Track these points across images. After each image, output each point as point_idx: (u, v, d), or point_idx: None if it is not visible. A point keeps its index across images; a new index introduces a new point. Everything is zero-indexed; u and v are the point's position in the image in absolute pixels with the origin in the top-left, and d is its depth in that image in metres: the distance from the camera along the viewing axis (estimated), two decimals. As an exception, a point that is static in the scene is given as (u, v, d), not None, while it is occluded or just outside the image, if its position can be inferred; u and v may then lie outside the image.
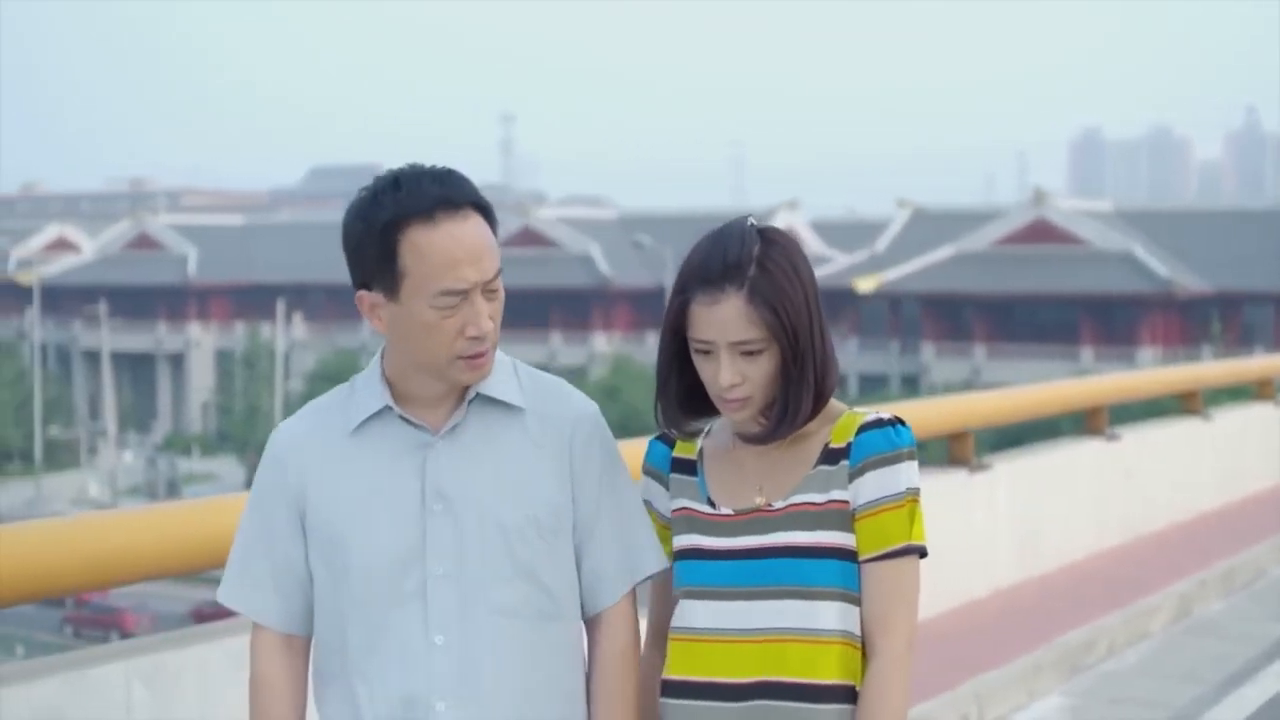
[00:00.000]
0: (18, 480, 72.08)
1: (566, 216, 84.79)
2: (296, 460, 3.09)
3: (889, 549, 3.02)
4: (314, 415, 3.15)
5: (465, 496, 3.02)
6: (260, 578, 3.10)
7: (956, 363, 65.29)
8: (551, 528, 3.07)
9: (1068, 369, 55.53)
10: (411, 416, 3.05)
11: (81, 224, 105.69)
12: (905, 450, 3.05)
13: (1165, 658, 9.08)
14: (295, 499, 3.08)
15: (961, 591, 9.51)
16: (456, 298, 2.92)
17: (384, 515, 3.02)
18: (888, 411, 3.10)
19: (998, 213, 75.12)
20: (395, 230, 2.90)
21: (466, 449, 3.05)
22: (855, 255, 74.24)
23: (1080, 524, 11.14)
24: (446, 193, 2.93)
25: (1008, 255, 67.23)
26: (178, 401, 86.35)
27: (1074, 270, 64.87)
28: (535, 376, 3.17)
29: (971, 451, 9.77)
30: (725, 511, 3.11)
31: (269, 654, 3.11)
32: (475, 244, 2.93)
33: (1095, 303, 64.49)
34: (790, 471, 3.10)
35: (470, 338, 2.94)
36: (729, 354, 3.00)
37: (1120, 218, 70.40)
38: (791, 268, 3.02)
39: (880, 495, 3.02)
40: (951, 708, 7.35)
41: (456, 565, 3.00)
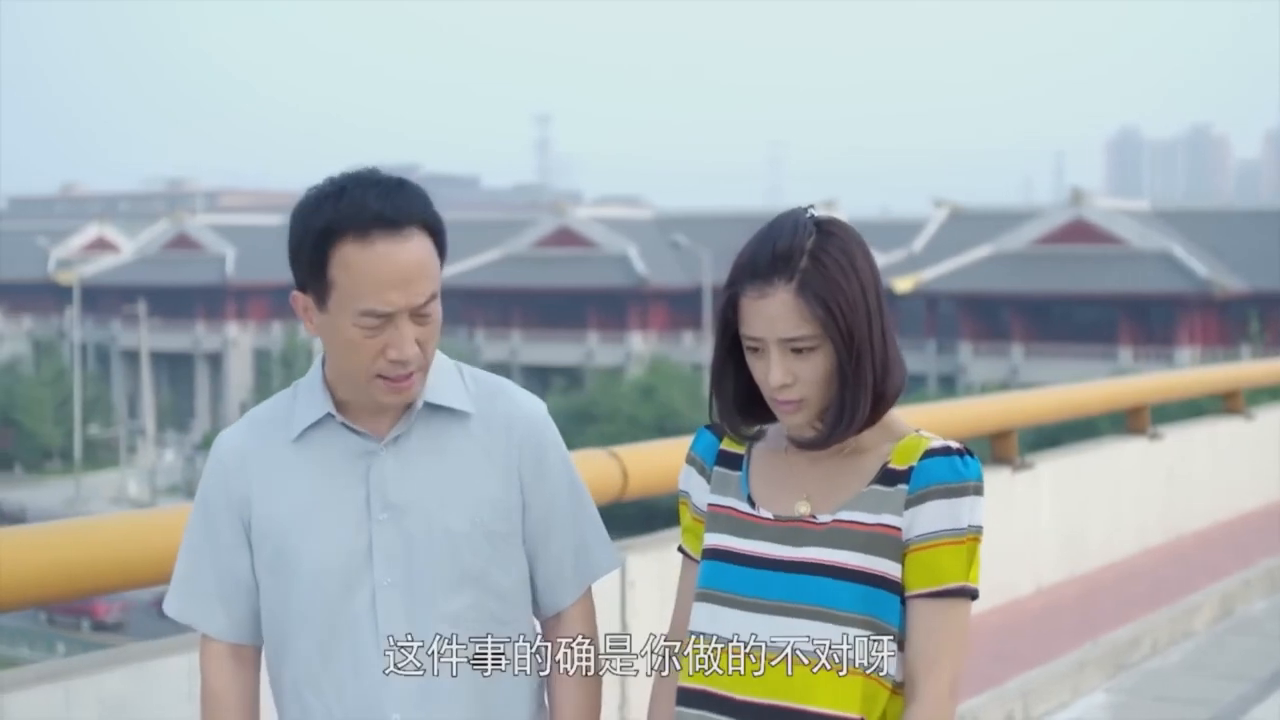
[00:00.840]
0: (57, 479, 72.47)
1: (603, 216, 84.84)
2: (239, 470, 3.03)
3: (942, 587, 2.82)
4: (255, 424, 3.08)
5: (411, 504, 2.96)
6: (206, 588, 3.04)
7: (994, 363, 65.12)
8: (502, 532, 3.01)
9: (1106, 369, 55.34)
10: (354, 424, 2.98)
11: (120, 224, 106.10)
12: (972, 484, 2.85)
13: (1209, 656, 9.11)
14: (239, 509, 3.02)
15: (1005, 589, 9.55)
16: (379, 319, 2.83)
17: (329, 525, 2.96)
18: (956, 442, 2.90)
19: (1035, 212, 74.92)
20: (327, 241, 2.83)
21: (412, 456, 2.98)
22: (892, 255, 74.06)
23: (1123, 523, 11.16)
24: (386, 210, 2.82)
25: (1045, 255, 67.05)
26: (216, 400, 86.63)
27: (1112, 270, 64.65)
28: (480, 379, 3.10)
29: (1015, 450, 9.81)
30: (764, 514, 2.95)
31: (218, 665, 3.05)
32: (407, 267, 2.82)
33: (1133, 302, 64.27)
34: (842, 485, 2.91)
35: (391, 360, 2.86)
36: (779, 352, 2.83)
37: (1158, 217, 70.15)
38: (848, 260, 2.82)
39: (939, 529, 2.82)
40: (997, 704, 7.40)
41: (405, 574, 2.94)
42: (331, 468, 2.98)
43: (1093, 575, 10.46)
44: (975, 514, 2.84)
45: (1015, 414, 10.08)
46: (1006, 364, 64.60)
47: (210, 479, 3.06)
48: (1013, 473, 9.73)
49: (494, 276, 79.29)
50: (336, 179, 2.89)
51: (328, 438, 2.99)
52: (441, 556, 2.95)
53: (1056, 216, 69.45)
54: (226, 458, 3.04)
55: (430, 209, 2.90)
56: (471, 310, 78.19)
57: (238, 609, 3.03)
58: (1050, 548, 10.14)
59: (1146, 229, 66.53)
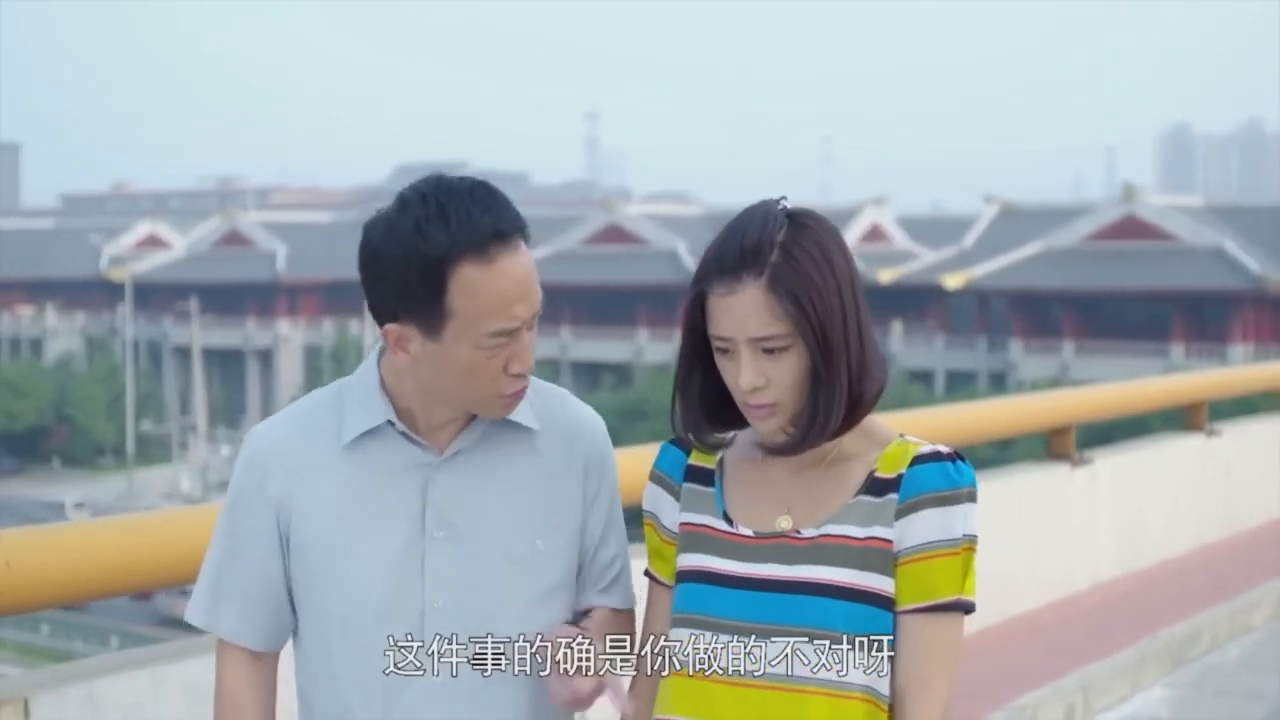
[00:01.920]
0: (110, 474, 72.97)
1: (652, 213, 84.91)
2: (281, 469, 2.83)
3: (935, 601, 2.64)
4: (298, 421, 2.88)
5: (471, 524, 2.79)
6: (233, 594, 2.86)
7: (1045, 360, 64.90)
8: (566, 558, 2.87)
9: (1158, 366, 55.14)
10: (414, 434, 2.80)
11: (171, 221, 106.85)
12: (965, 490, 2.68)
13: (1267, 651, 9.11)
14: (278, 511, 2.82)
15: (1062, 584, 9.56)
16: (506, 337, 2.68)
17: (379, 537, 2.78)
18: (945, 446, 2.74)
19: (1086, 209, 74.65)
20: (446, 268, 2.62)
21: (473, 473, 2.81)
22: (942, 252, 73.98)
23: (1180, 519, 11.15)
24: (498, 224, 2.65)
25: (1097, 251, 66.81)
26: (267, 397, 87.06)
27: (1164, 266, 64.37)
28: (541, 391, 2.93)
29: (1073, 446, 9.82)
30: (744, 532, 2.74)
31: (236, 669, 2.88)
32: (527, 278, 2.69)
33: (1186, 299, 63.98)
34: (826, 496, 2.72)
35: (514, 375, 2.72)
36: (750, 352, 2.64)
37: (1211, 213, 69.78)
38: (822, 255, 2.64)
39: (931, 539, 2.64)
40: (1057, 698, 7.41)
41: (457, 598, 2.77)
42: (386, 478, 2.79)
43: (1150, 571, 10.46)
44: (969, 523, 2.68)
45: (1073, 410, 10.09)
46: (1057, 361, 64.38)
47: (245, 477, 2.86)
48: (1071, 469, 9.74)
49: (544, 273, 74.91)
50: (422, 198, 2.67)
51: (384, 446, 2.80)
52: (499, 582, 2.79)
53: (1108, 213, 69.20)
54: (265, 455, 2.84)
55: (519, 212, 2.75)
56: (521, 307, 78.43)
57: (265, 617, 2.86)
58: (1107, 544, 10.15)
59: (1199, 225, 66.21)
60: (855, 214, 78.35)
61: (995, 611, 8.66)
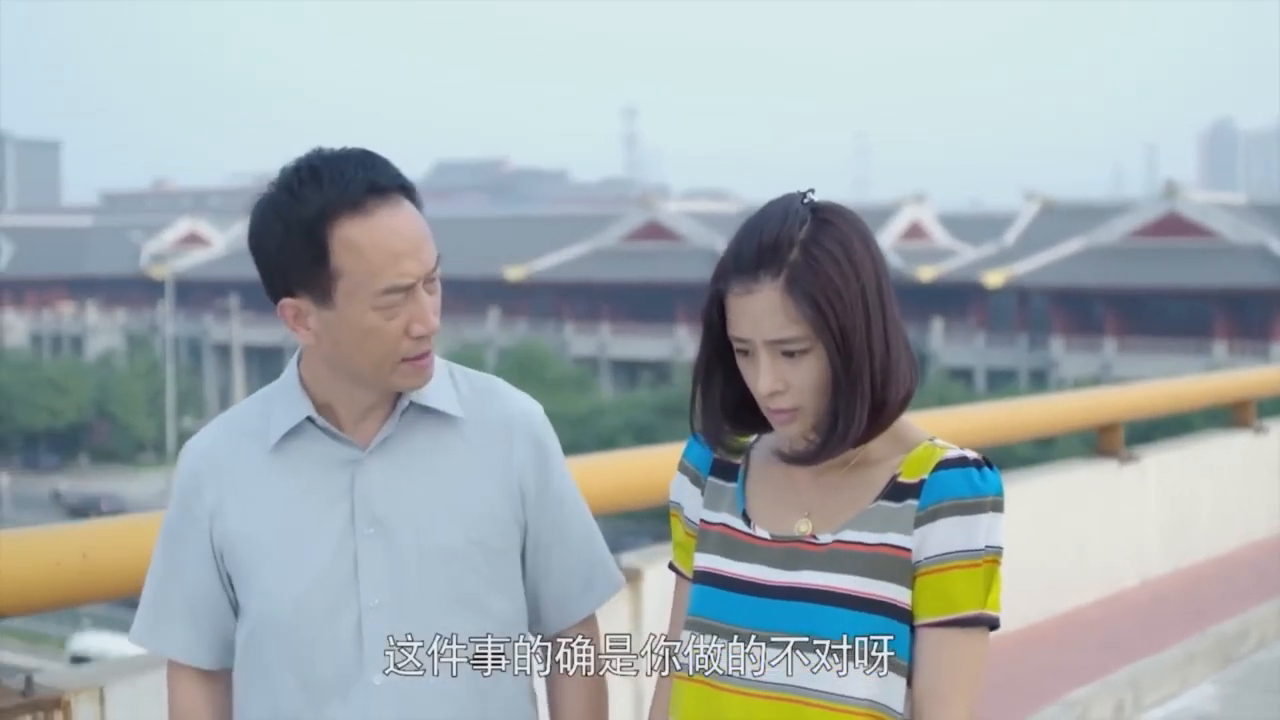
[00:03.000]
0: (151, 471, 73.29)
1: (691, 210, 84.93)
2: (212, 479, 2.76)
3: (956, 615, 2.51)
4: (226, 430, 2.82)
5: (400, 518, 2.70)
6: (175, 612, 2.79)
7: (1086, 358, 64.69)
8: (499, 549, 2.76)
9: (1200, 364, 54.94)
10: (337, 429, 2.72)
11: (211, 219, 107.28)
12: (989, 499, 2.53)
13: (1318, 649, 9.10)
14: (208, 524, 2.75)
15: (1111, 581, 9.59)
16: (400, 295, 2.59)
17: (310, 540, 2.69)
18: (973, 451, 2.60)
19: (1128, 206, 74.47)
20: (324, 226, 2.57)
21: (400, 464, 2.72)
22: (983, 249, 73.85)
23: (1228, 516, 11.16)
24: (374, 177, 2.59)
25: (1139, 249, 66.59)
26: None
27: (1207, 264, 64.12)
28: (472, 379, 2.85)
29: (1121, 443, 9.85)
30: (761, 534, 2.64)
31: (186, 687, 2.82)
32: (414, 232, 2.61)
33: (1228, 296, 63.72)
34: (847, 501, 2.60)
35: (416, 337, 2.62)
36: (768, 355, 2.53)
37: (1254, 210, 69.50)
38: (845, 254, 2.51)
39: (951, 549, 2.51)
40: (1109, 693, 7.43)
41: (393, 595, 2.68)
42: (312, 478, 2.72)
43: (1198, 568, 10.47)
44: (994, 533, 2.53)
45: (1122, 408, 10.13)
46: (1099, 359, 64.17)
47: (179, 489, 2.79)
48: (1119, 466, 9.76)
49: (583, 270, 79.54)
50: (296, 166, 2.65)
51: (307, 445, 2.73)
52: (434, 577, 2.69)
53: (1150, 210, 68.99)
54: (196, 466, 2.78)
55: (401, 173, 2.67)
56: (560, 304, 78.57)
57: (209, 633, 2.78)
58: (1155, 540, 10.16)
59: (1242, 222, 65.94)
60: (895, 211, 78.27)
61: (1045, 607, 8.70)
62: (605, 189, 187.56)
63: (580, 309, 79.05)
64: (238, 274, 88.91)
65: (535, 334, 74.90)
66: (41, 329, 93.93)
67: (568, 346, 76.37)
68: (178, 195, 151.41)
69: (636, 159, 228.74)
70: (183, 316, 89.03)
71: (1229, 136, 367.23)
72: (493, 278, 79.30)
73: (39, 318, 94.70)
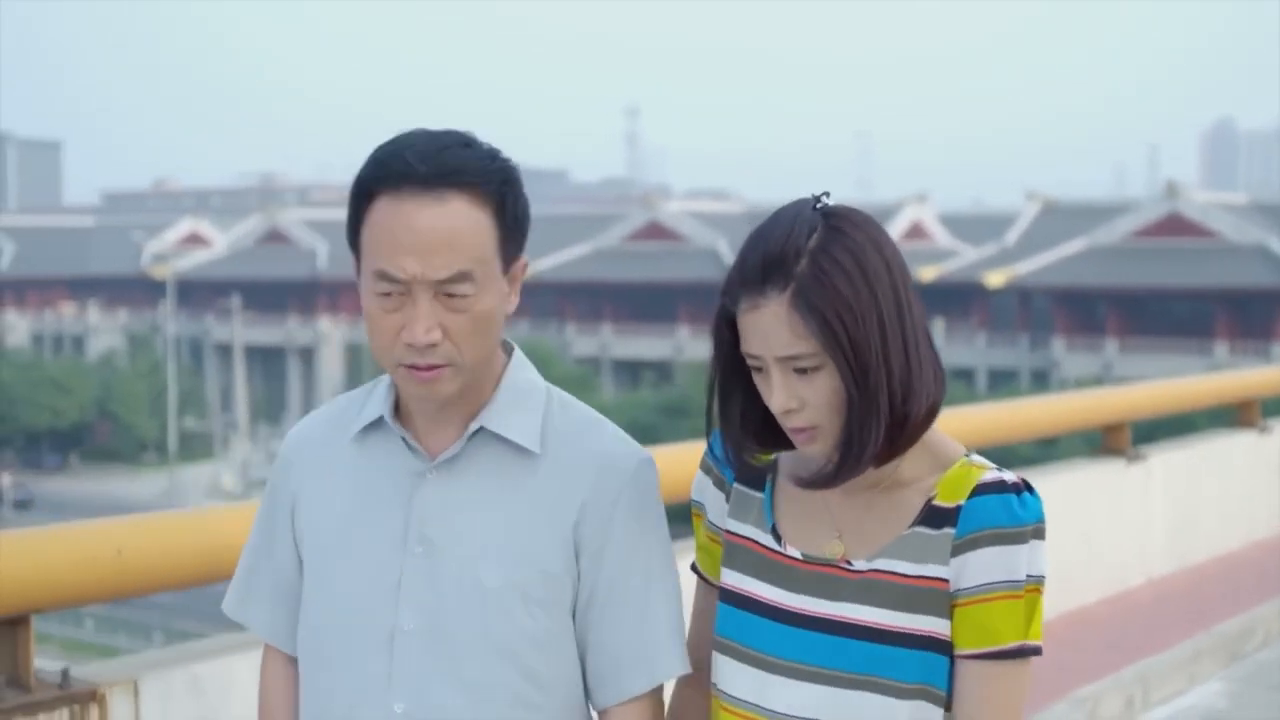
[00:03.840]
0: (153, 471, 73.39)
1: (693, 210, 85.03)
2: (300, 461, 2.70)
3: (997, 648, 2.39)
4: (328, 413, 2.74)
5: (448, 544, 2.53)
6: (262, 589, 2.73)
7: (1088, 357, 64.78)
8: (541, 600, 2.52)
9: (1201, 364, 55.03)
10: (410, 434, 2.58)
11: (213, 219, 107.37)
12: (1031, 527, 2.40)
13: (1322, 647, 9.18)
14: (291, 508, 2.69)
15: (1116, 580, 9.66)
16: (392, 286, 2.44)
17: (366, 546, 2.57)
18: (1012, 473, 2.46)
19: (1129, 206, 74.54)
20: (363, 199, 2.47)
21: (461, 487, 2.55)
22: (984, 249, 73.94)
23: (1232, 515, 11.23)
24: (424, 168, 2.43)
25: (1141, 249, 66.68)
26: (308, 394, 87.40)
27: (1208, 264, 64.21)
28: (573, 414, 2.63)
29: (1128, 442, 9.92)
30: (792, 553, 2.52)
31: (273, 674, 2.75)
32: (429, 231, 2.42)
33: (1230, 297, 63.80)
34: (881, 524, 2.48)
35: (407, 344, 2.45)
36: (780, 372, 2.39)
37: (1256, 210, 69.60)
38: (856, 264, 2.36)
39: (992, 580, 2.38)
40: (1117, 689, 7.52)
41: (429, 623, 2.52)
42: (379, 482, 2.59)
43: (1202, 567, 10.54)
44: (1036, 562, 2.40)
45: (1129, 407, 10.20)
46: (1100, 359, 64.26)
47: (275, 470, 2.74)
48: (1127, 464, 9.84)
49: (584, 270, 79.60)
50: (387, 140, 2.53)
51: (383, 445, 2.61)
52: (469, 613, 2.51)
53: (1152, 210, 69.09)
54: (289, 448, 2.73)
55: (491, 172, 2.48)
56: (562, 304, 78.64)
57: (293, 616, 2.69)
58: (1160, 539, 10.23)
59: (1243, 222, 66.04)
60: (897, 211, 78.37)
61: (1052, 605, 8.73)
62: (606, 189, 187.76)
63: (582, 309, 79.13)
64: (239, 274, 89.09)
65: (537, 334, 74.95)
66: (43, 329, 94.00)
67: (569, 347, 76.48)
68: (179, 195, 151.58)
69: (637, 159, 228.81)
70: (184, 316, 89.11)
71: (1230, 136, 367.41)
72: (494, 278, 79.17)
73: (40, 318, 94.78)
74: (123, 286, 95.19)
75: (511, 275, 2.54)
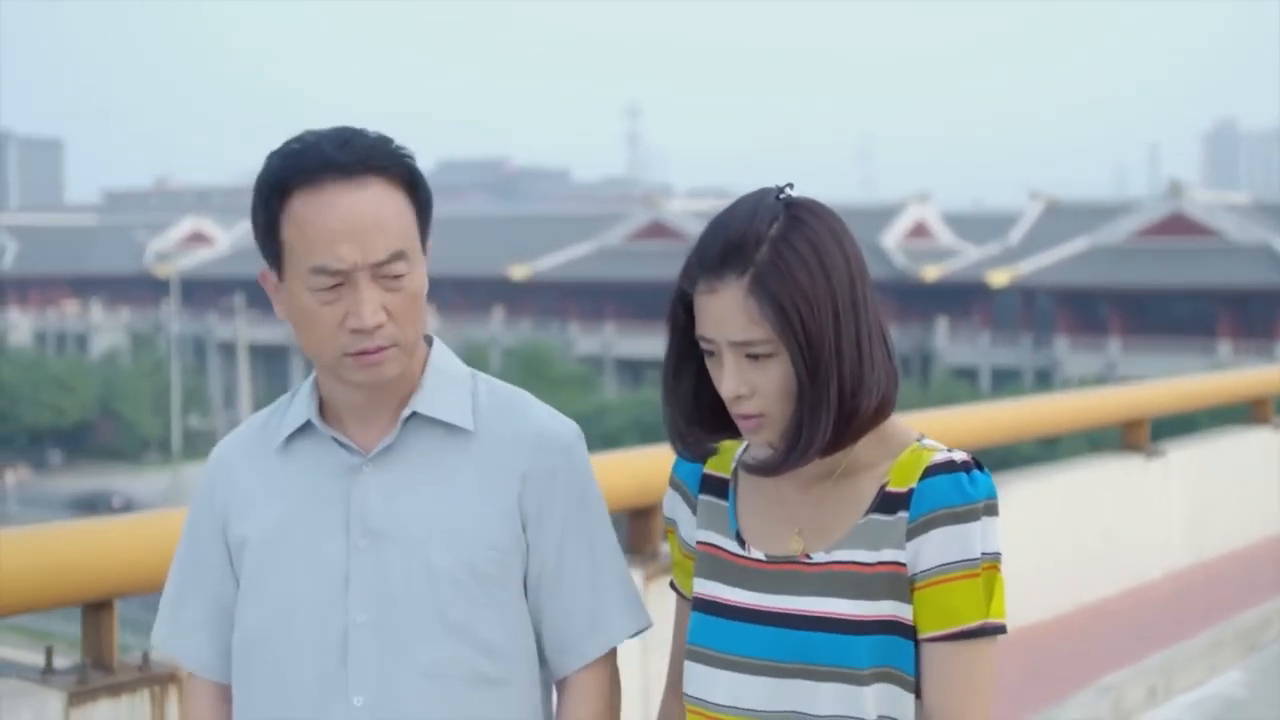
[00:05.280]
0: (156, 469, 73.38)
1: (695, 209, 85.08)
2: (223, 481, 2.66)
3: (959, 628, 2.41)
4: (247, 430, 2.72)
5: (393, 532, 2.54)
6: (194, 619, 2.67)
7: (1090, 357, 64.78)
8: (493, 576, 2.55)
9: (1204, 363, 55.06)
10: (340, 434, 2.59)
11: (215, 217, 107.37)
12: (982, 504, 2.42)
13: (1336, 640, 9.34)
14: (222, 527, 2.64)
15: (1136, 573, 9.81)
16: (332, 279, 2.45)
17: (305, 549, 2.56)
18: (962, 452, 2.48)
19: (1132, 205, 74.59)
20: (279, 197, 2.47)
21: (399, 475, 2.57)
22: (987, 248, 73.97)
23: (1248, 510, 11.38)
24: (342, 156, 2.45)
25: (1143, 248, 66.74)
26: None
27: (1211, 263, 64.27)
28: (498, 393, 2.67)
29: (1147, 439, 10.08)
30: (756, 555, 2.53)
31: (203, 708, 2.70)
32: (359, 216, 2.44)
33: (1233, 296, 63.86)
34: (836, 514, 2.49)
35: (352, 330, 2.46)
36: (733, 357, 2.40)
37: (1258, 210, 69.68)
38: (814, 254, 2.37)
39: (947, 560, 2.40)
40: (1141, 679, 7.66)
41: (381, 613, 2.53)
42: (312, 483, 2.59)
43: (1218, 561, 10.68)
44: (990, 538, 2.42)
45: (1147, 403, 10.37)
46: (1103, 358, 64.29)
47: (198, 491, 2.70)
48: (1145, 460, 9.99)
49: (587, 269, 79.68)
50: (285, 140, 2.55)
51: (311, 448, 2.61)
52: (420, 597, 2.52)
53: (1154, 210, 69.13)
54: (212, 467, 2.70)
55: (399, 156, 2.52)
56: (564, 303, 78.72)
57: (226, 644, 2.65)
58: (1179, 533, 10.39)
59: (1246, 222, 66.10)
60: (900, 210, 78.42)
61: (1074, 598, 8.92)
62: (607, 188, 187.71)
63: (584, 308, 79.16)
64: (242, 272, 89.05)
65: (539, 333, 75.03)
66: (46, 327, 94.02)
67: (572, 346, 76.51)
68: (181, 193, 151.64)
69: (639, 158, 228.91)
70: (187, 315, 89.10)
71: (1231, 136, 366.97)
72: (497, 277, 79.46)
73: (43, 316, 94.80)
74: (125, 285, 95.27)
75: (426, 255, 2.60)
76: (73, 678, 4.22)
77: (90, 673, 4.24)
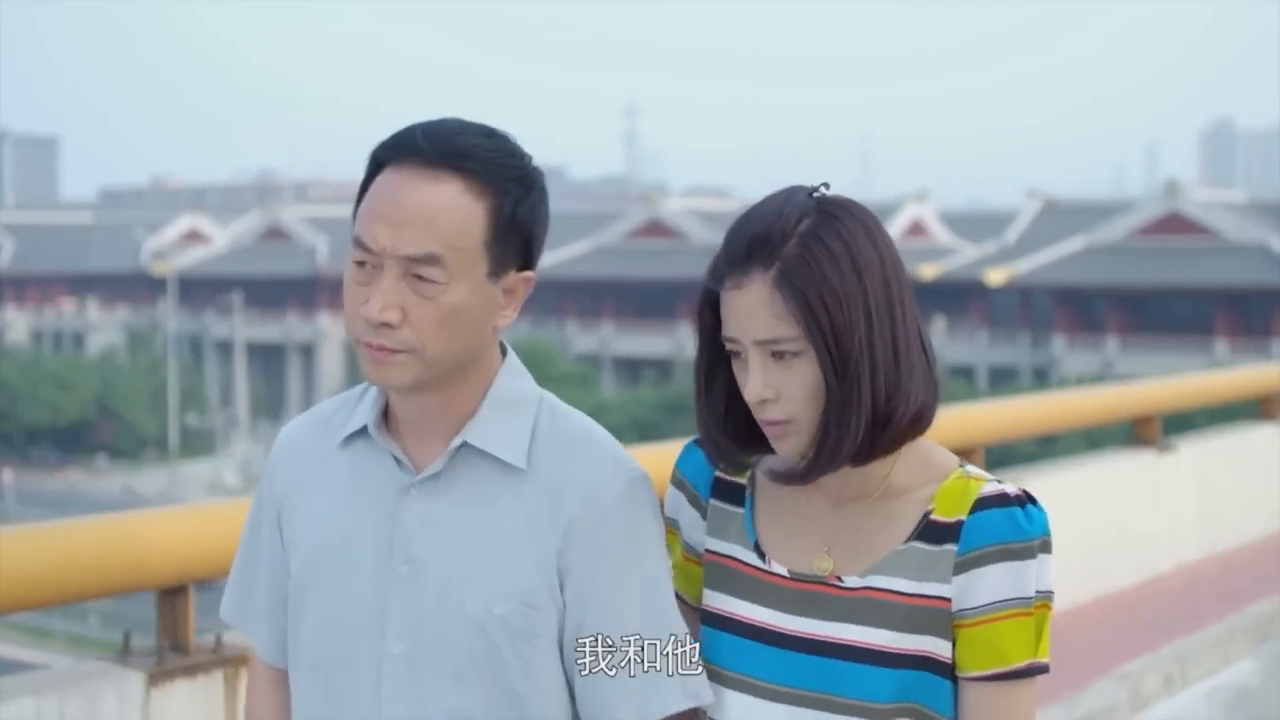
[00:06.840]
0: (153, 467, 73.43)
1: (692, 208, 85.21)
2: (284, 465, 2.57)
3: (1006, 668, 2.30)
4: (318, 415, 2.61)
5: (431, 565, 2.40)
6: (256, 599, 2.61)
7: (1088, 355, 64.92)
8: (520, 629, 2.37)
9: (1202, 362, 55.22)
10: (397, 447, 2.45)
11: (212, 215, 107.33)
12: (1038, 541, 2.31)
13: (1345, 631, 9.52)
14: (277, 515, 2.57)
15: (1149, 566, 9.99)
16: (365, 255, 2.33)
17: (351, 562, 2.45)
18: (1014, 485, 2.36)
19: (1129, 204, 74.71)
20: (372, 168, 2.40)
21: (444, 507, 2.41)
22: (984, 247, 74.09)
23: (1257, 504, 11.56)
24: (425, 144, 2.34)
25: (1141, 247, 66.88)
26: (308, 391, 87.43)
27: (1208, 262, 64.42)
28: (563, 424, 2.46)
29: (1159, 433, 10.26)
30: (778, 570, 2.40)
31: (260, 690, 2.65)
32: (407, 205, 2.32)
33: (1230, 295, 64.01)
34: (873, 538, 2.36)
35: (363, 316, 2.33)
36: (758, 357, 2.29)
37: (1255, 209, 69.82)
38: (845, 248, 2.27)
39: (1000, 599, 2.29)
40: (1157, 667, 7.84)
41: (415, 646, 2.39)
42: (365, 493, 2.46)
43: (1229, 554, 10.85)
44: (1044, 576, 2.32)
45: (1158, 399, 10.55)
46: (1100, 357, 64.43)
47: (265, 472, 2.61)
48: (1157, 455, 10.17)
49: (584, 268, 79.75)
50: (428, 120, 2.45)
51: (370, 454, 2.48)
52: (453, 637, 2.38)
53: (1152, 208, 69.25)
54: (276, 453, 2.59)
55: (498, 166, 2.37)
56: (562, 302, 78.78)
57: (284, 629, 2.57)
58: (1190, 526, 10.57)
59: (1243, 221, 66.23)
60: (897, 209, 78.52)
61: (1088, 589, 9.11)
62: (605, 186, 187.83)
63: (582, 306, 79.23)
64: (239, 271, 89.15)
65: (537, 331, 75.05)
66: (43, 326, 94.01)
67: (570, 344, 76.63)
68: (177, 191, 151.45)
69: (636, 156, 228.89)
70: (184, 313, 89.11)
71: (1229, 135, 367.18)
72: (495, 275, 79.32)
73: (40, 314, 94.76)
74: (122, 283, 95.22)
75: (506, 286, 2.41)
76: (151, 659, 4.41)
77: (167, 654, 4.43)
